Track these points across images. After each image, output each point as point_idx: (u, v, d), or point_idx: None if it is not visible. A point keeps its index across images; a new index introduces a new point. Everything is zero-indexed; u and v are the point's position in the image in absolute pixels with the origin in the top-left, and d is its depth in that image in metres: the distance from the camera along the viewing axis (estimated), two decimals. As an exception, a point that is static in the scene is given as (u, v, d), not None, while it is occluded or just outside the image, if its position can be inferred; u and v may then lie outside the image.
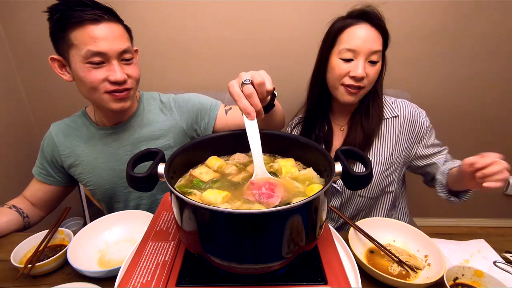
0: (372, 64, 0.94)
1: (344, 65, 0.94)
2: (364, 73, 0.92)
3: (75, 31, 0.82)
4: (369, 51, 0.92)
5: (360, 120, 1.03)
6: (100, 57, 0.84)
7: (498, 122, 1.76)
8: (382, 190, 1.06)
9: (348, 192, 1.06)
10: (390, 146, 1.03)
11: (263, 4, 1.50)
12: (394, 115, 1.04)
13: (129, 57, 0.89)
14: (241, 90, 0.59)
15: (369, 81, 0.96)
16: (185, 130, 1.06)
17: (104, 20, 0.84)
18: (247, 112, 0.58)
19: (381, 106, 1.03)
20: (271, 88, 0.62)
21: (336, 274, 0.56)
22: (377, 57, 0.94)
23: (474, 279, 0.69)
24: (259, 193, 0.56)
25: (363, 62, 0.92)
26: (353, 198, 1.07)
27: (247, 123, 0.59)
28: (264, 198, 0.55)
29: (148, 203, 1.09)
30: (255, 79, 0.59)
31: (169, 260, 0.59)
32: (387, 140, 1.04)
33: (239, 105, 0.59)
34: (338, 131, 1.10)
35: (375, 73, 0.96)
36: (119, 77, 0.86)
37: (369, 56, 0.93)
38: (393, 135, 1.03)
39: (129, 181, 0.55)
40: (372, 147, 1.04)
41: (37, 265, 0.73)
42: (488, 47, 1.59)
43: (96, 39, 0.82)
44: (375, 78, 0.97)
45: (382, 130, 1.04)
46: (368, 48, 0.91)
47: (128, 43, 0.90)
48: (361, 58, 0.92)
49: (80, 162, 1.02)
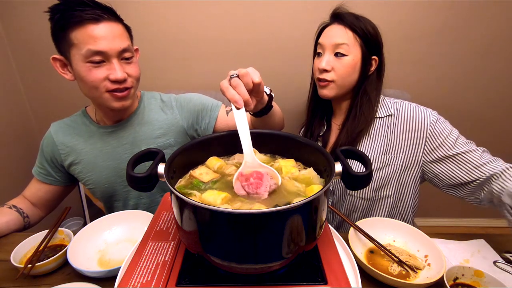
0: (339, 57, 0.97)
1: (317, 60, 1.03)
2: (327, 66, 0.97)
3: (75, 30, 0.82)
4: (333, 44, 0.97)
5: (347, 123, 1.04)
6: (100, 56, 0.84)
7: (498, 122, 1.76)
8: (375, 192, 1.02)
9: (339, 191, 1.07)
10: (381, 145, 1.01)
11: (263, 5, 1.51)
12: (388, 113, 1.02)
13: (129, 56, 0.90)
14: (229, 84, 0.63)
15: (339, 75, 0.98)
16: (185, 129, 1.06)
17: (104, 19, 0.84)
18: (234, 100, 0.61)
19: (371, 107, 1.02)
20: (258, 81, 0.65)
21: (336, 274, 0.56)
22: (344, 50, 0.96)
23: (474, 279, 0.69)
24: (247, 184, 0.56)
25: (328, 56, 0.98)
26: (344, 197, 1.06)
27: (236, 112, 0.62)
28: (253, 189, 0.56)
29: (147, 202, 1.09)
30: (240, 72, 0.63)
31: (169, 260, 0.59)
32: (377, 139, 1.02)
33: (227, 96, 0.63)
34: (335, 130, 1.11)
35: (343, 67, 0.97)
36: (119, 76, 0.86)
37: (334, 49, 0.97)
38: (385, 134, 1.01)
39: (129, 181, 0.55)
40: (361, 145, 1.03)
41: (37, 265, 0.73)
42: (488, 47, 1.59)
43: (96, 39, 0.83)
44: (344, 71, 0.97)
45: (372, 129, 1.02)
46: (332, 41, 0.97)
47: (128, 42, 0.91)
48: (327, 51, 0.98)
49: (79, 160, 1.02)
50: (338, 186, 1.07)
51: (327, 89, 1.01)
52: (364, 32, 0.97)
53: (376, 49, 1.00)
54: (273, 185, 0.58)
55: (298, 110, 1.73)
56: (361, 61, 0.98)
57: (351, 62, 0.97)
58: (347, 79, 0.99)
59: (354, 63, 0.98)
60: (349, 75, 0.99)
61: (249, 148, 0.61)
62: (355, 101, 1.03)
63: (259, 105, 0.77)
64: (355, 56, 0.97)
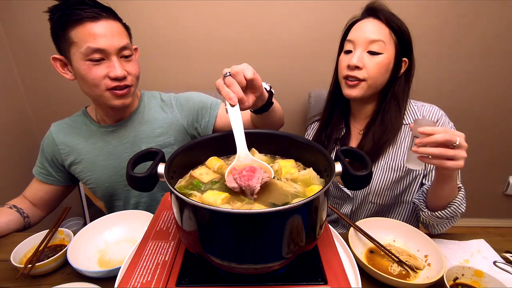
0: (372, 55, 0.90)
1: (345, 57, 0.95)
2: (358, 62, 0.90)
3: (75, 29, 0.83)
4: (367, 40, 0.90)
5: (373, 128, 0.97)
6: (100, 53, 0.85)
7: (497, 122, 1.76)
8: (395, 198, 1.00)
9: (359, 198, 1.02)
10: (405, 152, 0.96)
11: (264, 4, 1.51)
12: (413, 120, 0.97)
13: (128, 53, 0.91)
14: (224, 83, 0.64)
15: (370, 74, 0.91)
16: (185, 128, 1.07)
17: (103, 17, 0.86)
18: (228, 97, 0.62)
19: (399, 113, 0.96)
20: (251, 77, 0.65)
21: (336, 274, 0.56)
22: (379, 47, 0.89)
23: (474, 279, 0.69)
24: (239, 176, 0.56)
25: (360, 52, 0.91)
26: (365, 205, 1.02)
27: (230, 109, 0.62)
28: (245, 181, 0.55)
29: (147, 201, 1.09)
30: (232, 70, 0.64)
31: (169, 260, 0.59)
32: (402, 147, 0.96)
33: (222, 94, 0.63)
34: (356, 134, 1.05)
35: (375, 65, 0.90)
36: (119, 73, 0.87)
37: (368, 46, 0.90)
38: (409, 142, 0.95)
39: (129, 181, 0.55)
40: (386, 153, 0.97)
41: (37, 265, 0.73)
42: (488, 47, 1.59)
43: (95, 36, 0.84)
44: (377, 70, 0.91)
45: (398, 136, 0.97)
46: (365, 37, 0.90)
47: (127, 40, 0.91)
48: (359, 48, 0.91)
49: (80, 160, 1.03)
50: (358, 193, 1.02)
51: (356, 88, 0.94)
52: (401, 30, 0.91)
53: (408, 50, 0.94)
54: (265, 177, 0.57)
55: (298, 110, 1.73)
56: (394, 61, 0.93)
57: (385, 60, 0.91)
58: (378, 80, 0.93)
59: (388, 62, 0.92)
60: (381, 75, 0.92)
61: (242, 144, 0.62)
62: (382, 105, 0.97)
63: (259, 102, 0.76)
64: (389, 55, 0.91)
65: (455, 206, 0.80)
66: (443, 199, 0.81)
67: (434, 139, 0.67)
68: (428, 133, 0.68)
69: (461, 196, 0.81)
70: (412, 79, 0.98)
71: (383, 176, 0.97)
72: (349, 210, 1.04)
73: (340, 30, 1.01)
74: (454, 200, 0.80)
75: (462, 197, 0.81)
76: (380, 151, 0.97)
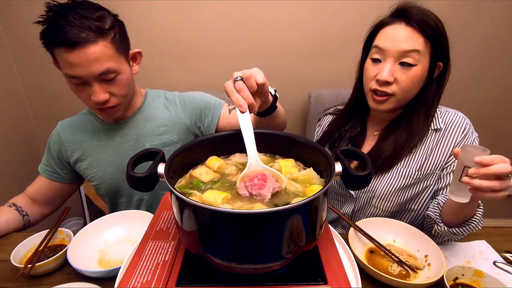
0: (406, 68, 0.81)
1: (373, 67, 0.86)
2: (389, 77, 0.81)
3: (56, 50, 0.83)
4: (399, 52, 0.80)
5: (395, 132, 0.90)
6: (79, 79, 0.85)
7: (497, 122, 1.76)
8: (400, 206, 0.94)
9: (363, 200, 0.98)
10: (420, 161, 0.90)
11: (264, 4, 1.51)
12: (435, 127, 0.90)
13: (111, 77, 0.87)
14: (234, 87, 0.63)
15: (401, 88, 0.83)
16: (188, 127, 1.08)
17: (79, 44, 0.79)
18: (239, 104, 0.61)
19: (427, 120, 0.89)
20: (262, 81, 0.64)
21: (336, 274, 0.56)
22: (413, 59, 0.80)
23: (474, 279, 0.69)
24: (251, 184, 0.56)
25: (391, 65, 0.82)
26: (367, 208, 0.98)
27: (240, 116, 0.62)
28: (256, 190, 0.55)
29: (150, 198, 1.11)
30: (244, 74, 0.63)
31: (169, 260, 0.59)
32: (418, 154, 0.90)
33: (232, 99, 0.63)
34: (371, 135, 1.00)
35: (408, 79, 0.82)
36: (98, 99, 0.87)
37: (400, 58, 0.81)
38: (426, 150, 0.90)
39: (129, 181, 0.55)
40: (400, 160, 0.92)
41: (37, 265, 0.73)
42: (488, 47, 1.59)
43: (71, 65, 0.82)
44: (409, 85, 0.83)
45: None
46: (396, 47, 0.80)
47: (110, 63, 0.84)
48: (389, 59, 0.82)
49: (85, 157, 1.04)
50: (362, 195, 0.98)
51: (385, 103, 0.86)
52: (437, 34, 0.81)
53: (444, 53, 0.86)
54: (277, 187, 0.57)
55: (298, 110, 1.73)
56: (428, 70, 0.84)
57: (419, 73, 0.82)
58: (409, 93, 0.85)
59: (422, 74, 0.83)
60: (413, 88, 0.85)
61: (253, 151, 0.61)
62: (410, 110, 0.90)
63: (264, 106, 0.76)
64: (424, 66, 0.82)
65: (474, 224, 0.75)
66: (462, 215, 0.75)
67: (492, 171, 0.59)
68: (486, 163, 0.60)
69: (480, 214, 0.76)
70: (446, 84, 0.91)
71: (392, 182, 0.92)
72: (351, 210, 1.02)
73: (340, 30, 1.00)
74: (474, 218, 0.75)
75: (480, 215, 0.76)
76: (400, 156, 0.90)
